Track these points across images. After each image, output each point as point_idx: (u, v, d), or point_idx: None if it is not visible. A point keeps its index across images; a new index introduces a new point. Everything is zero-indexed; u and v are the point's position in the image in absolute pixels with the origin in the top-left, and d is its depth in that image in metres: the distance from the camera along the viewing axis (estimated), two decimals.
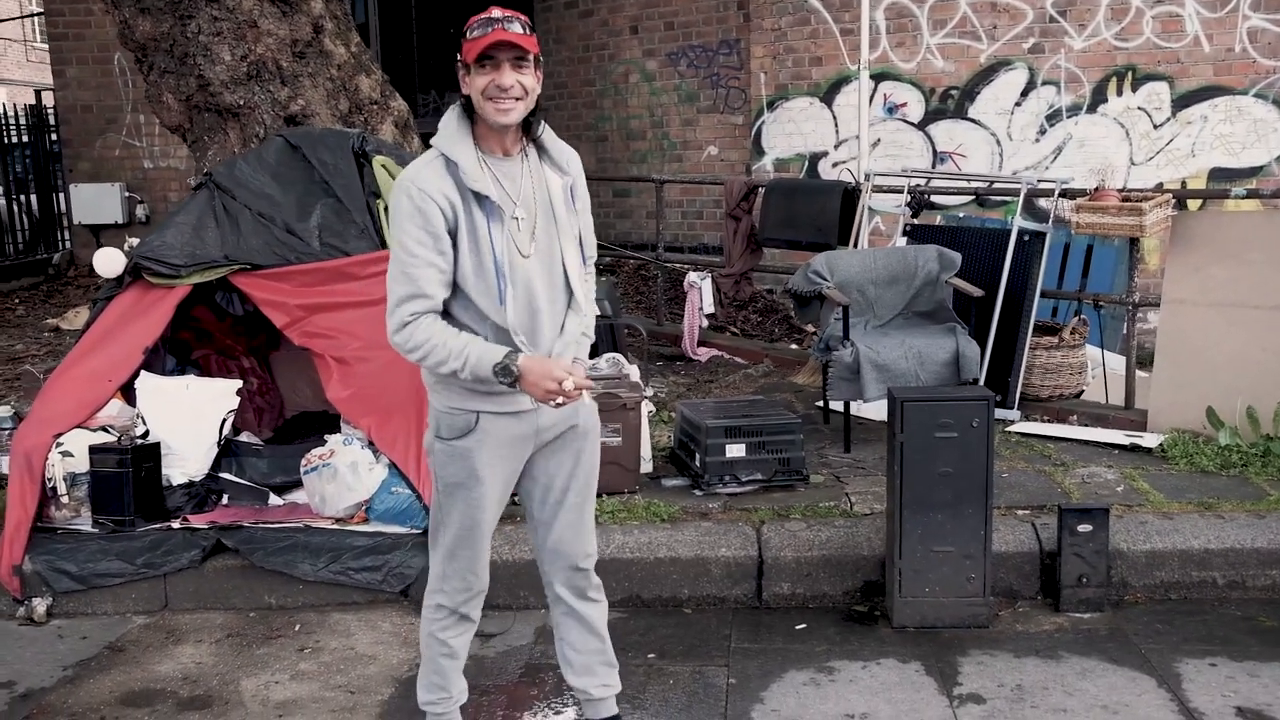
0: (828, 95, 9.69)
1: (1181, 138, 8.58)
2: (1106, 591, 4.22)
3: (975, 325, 5.73)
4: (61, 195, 11.80)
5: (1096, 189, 5.94)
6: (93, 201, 10.34)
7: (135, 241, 5.45)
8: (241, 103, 6.67)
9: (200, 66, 6.59)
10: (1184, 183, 8.56)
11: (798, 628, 4.15)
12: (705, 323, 7.93)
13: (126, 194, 10.49)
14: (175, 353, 5.58)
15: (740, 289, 7.88)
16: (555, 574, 3.13)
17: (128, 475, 4.45)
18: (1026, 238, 6.06)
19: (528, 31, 2.76)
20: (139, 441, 4.60)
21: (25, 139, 12.26)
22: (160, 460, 4.64)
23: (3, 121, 12.25)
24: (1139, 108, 8.65)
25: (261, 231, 5.25)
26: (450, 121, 2.82)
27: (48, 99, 13.50)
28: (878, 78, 9.18)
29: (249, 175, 5.46)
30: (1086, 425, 5.78)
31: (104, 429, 4.79)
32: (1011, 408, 5.92)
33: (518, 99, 2.74)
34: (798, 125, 9.91)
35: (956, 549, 4.08)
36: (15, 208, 12.23)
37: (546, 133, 2.93)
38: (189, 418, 4.78)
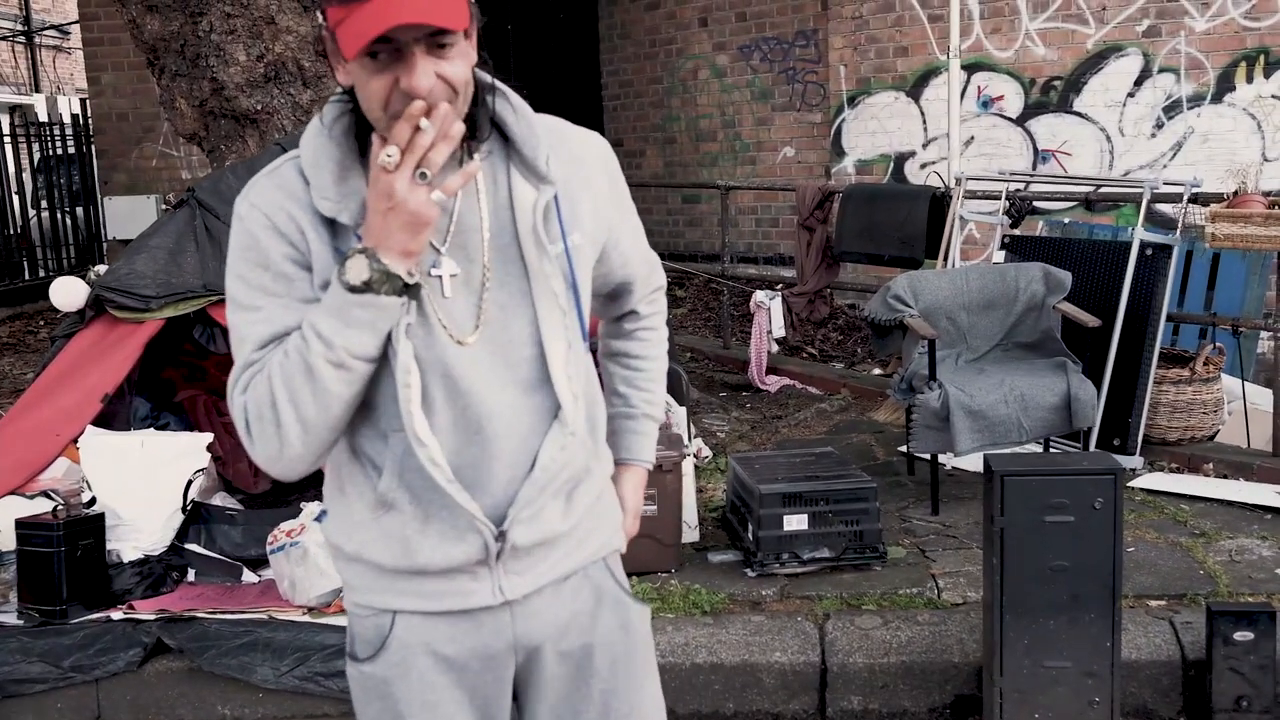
0: (914, 89, 8.73)
1: None
2: (1274, 718, 3.27)
3: (1089, 357, 4.78)
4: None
5: (1236, 193, 4.94)
6: (127, 214, 9.78)
7: (101, 269, 4.76)
8: (260, 107, 6.03)
9: (214, 68, 5.97)
10: None
11: None
12: (774, 348, 7.05)
13: (164, 206, 9.95)
14: (155, 396, 4.87)
15: (815, 309, 6.98)
16: None
17: (59, 555, 3.70)
18: (1149, 251, 5.08)
19: None
20: (77, 513, 3.86)
21: (71, 150, 11.76)
22: (104, 535, 3.90)
23: (49, 132, 11.79)
24: (1273, 96, 7.55)
25: None
26: (325, 114, 1.64)
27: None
28: (971, 68, 8.20)
29: (238, 190, 4.72)
30: (1226, 477, 4.80)
31: (46, 494, 4.09)
32: (1133, 454, 4.95)
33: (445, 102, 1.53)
34: (881, 123, 8.96)
35: (1074, 665, 3.16)
36: (66, 221, 11.74)
37: (510, 106, 1.66)
38: (144, 481, 4.04)
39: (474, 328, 1.62)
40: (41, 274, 11.30)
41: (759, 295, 6.91)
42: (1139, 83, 7.78)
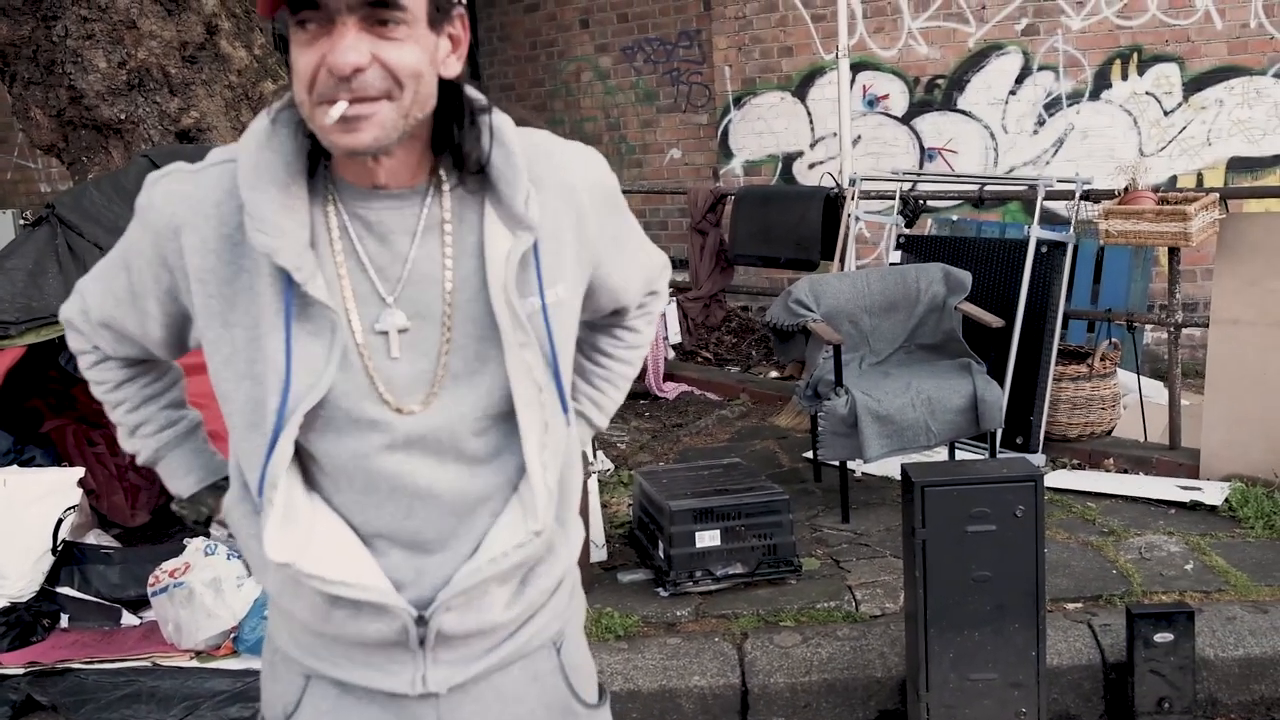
0: (800, 89, 8.71)
1: (1195, 125, 7.62)
2: (1195, 718, 3.25)
3: (992, 356, 4.76)
4: None
5: (1126, 190, 4.98)
6: None
7: None
8: (123, 116, 5.69)
9: (71, 75, 5.61)
10: (1200, 175, 7.62)
11: None
12: (671, 354, 6.94)
13: (22, 222, 9.44)
14: (18, 428, 4.55)
15: (710, 313, 6.89)
16: None
17: None
18: (1044, 249, 5.10)
19: None
20: None
21: None
22: None
23: None
24: (1147, 93, 7.69)
25: None
26: (273, 106, 1.35)
27: None
28: (856, 67, 8.17)
29: (101, 206, 4.46)
30: (1126, 472, 4.82)
31: None
32: (1036, 452, 4.95)
33: (379, 97, 1.25)
34: (768, 123, 8.93)
35: (1000, 676, 3.10)
36: None
37: (499, 140, 1.36)
38: (9, 522, 3.74)
39: (423, 398, 1.35)
40: None
41: None
42: (1020, 80, 7.86)
